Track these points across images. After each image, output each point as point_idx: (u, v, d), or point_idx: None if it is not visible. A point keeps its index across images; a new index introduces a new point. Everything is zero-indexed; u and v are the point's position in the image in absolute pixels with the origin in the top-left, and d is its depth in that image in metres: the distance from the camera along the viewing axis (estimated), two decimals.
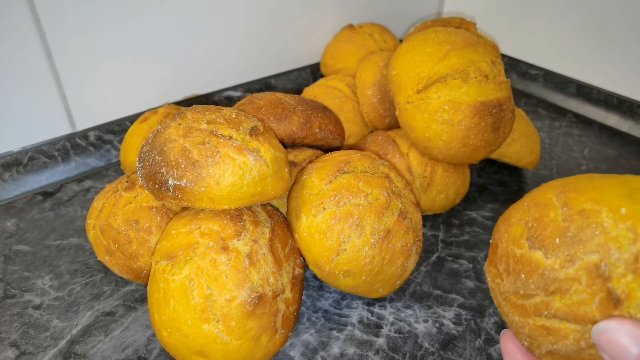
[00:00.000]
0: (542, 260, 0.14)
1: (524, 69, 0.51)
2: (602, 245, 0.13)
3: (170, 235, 0.22)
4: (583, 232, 0.13)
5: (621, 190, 0.14)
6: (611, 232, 0.13)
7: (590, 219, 0.13)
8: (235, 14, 0.41)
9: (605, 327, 0.12)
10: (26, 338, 0.25)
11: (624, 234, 0.13)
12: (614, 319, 0.12)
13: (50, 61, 0.34)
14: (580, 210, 0.14)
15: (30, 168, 0.36)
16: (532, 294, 0.14)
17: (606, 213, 0.13)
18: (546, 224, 0.14)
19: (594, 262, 0.13)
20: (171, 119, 0.23)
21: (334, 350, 0.24)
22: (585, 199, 0.14)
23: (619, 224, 0.13)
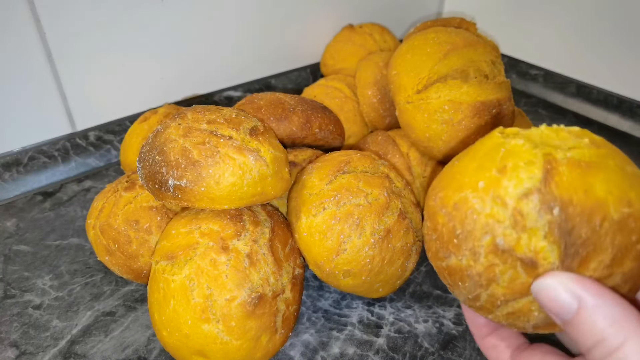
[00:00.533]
0: (459, 264, 0.14)
1: (523, 69, 0.51)
2: (485, 226, 0.13)
3: (170, 235, 0.22)
4: (466, 223, 0.14)
5: (472, 163, 0.14)
6: (484, 209, 0.13)
7: (463, 208, 0.14)
8: (235, 14, 0.41)
9: (544, 285, 0.12)
10: (26, 338, 0.25)
11: (493, 205, 0.13)
12: (549, 274, 0.13)
13: (51, 61, 0.34)
14: (454, 205, 0.14)
15: (30, 168, 0.36)
16: (477, 294, 0.14)
17: (471, 195, 0.14)
18: (441, 231, 0.15)
19: (491, 243, 0.13)
20: (171, 119, 0.23)
21: (334, 350, 0.24)
22: (452, 190, 0.14)
23: (485, 199, 0.13)
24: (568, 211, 0.12)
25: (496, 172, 0.13)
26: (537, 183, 0.13)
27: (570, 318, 0.12)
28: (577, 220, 0.12)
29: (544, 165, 0.13)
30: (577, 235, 0.13)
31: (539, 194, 0.13)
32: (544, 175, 0.13)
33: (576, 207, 0.12)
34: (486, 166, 0.14)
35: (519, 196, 0.13)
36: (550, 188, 0.13)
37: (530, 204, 0.13)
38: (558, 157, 0.13)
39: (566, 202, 0.12)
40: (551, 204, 0.13)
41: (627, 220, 0.13)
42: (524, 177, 0.13)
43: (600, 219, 0.12)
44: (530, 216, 0.13)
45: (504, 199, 0.13)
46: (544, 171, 0.13)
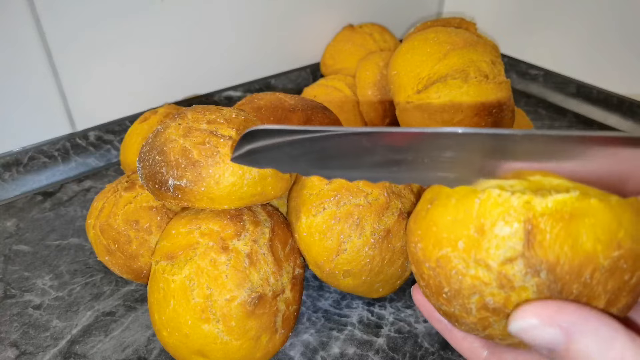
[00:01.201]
0: (452, 312, 0.14)
1: (524, 69, 0.51)
2: (472, 287, 0.13)
3: (170, 235, 0.22)
4: (452, 282, 0.13)
5: (447, 215, 0.14)
6: (468, 270, 0.13)
7: (447, 266, 0.13)
8: (235, 14, 0.41)
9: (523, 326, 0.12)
10: (26, 338, 0.25)
11: (477, 267, 0.13)
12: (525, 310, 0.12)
13: (51, 61, 0.34)
14: (436, 261, 0.14)
15: (30, 168, 0.36)
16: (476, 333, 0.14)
17: (453, 255, 0.13)
18: (428, 283, 0.14)
19: (481, 303, 0.13)
20: (171, 119, 0.23)
21: (334, 350, 0.24)
22: (432, 245, 0.14)
23: (467, 260, 0.13)
24: (556, 272, 0.12)
25: (474, 232, 0.13)
26: (519, 246, 0.12)
27: (560, 350, 0.11)
28: (566, 279, 0.12)
29: (524, 226, 0.12)
30: (568, 293, 0.12)
31: (522, 258, 0.12)
32: (525, 237, 0.12)
33: (564, 266, 0.12)
34: (462, 222, 0.13)
35: (502, 261, 0.12)
36: (534, 251, 0.12)
37: (515, 267, 0.12)
38: (537, 211, 0.12)
39: (553, 263, 0.12)
40: (537, 268, 0.12)
41: (618, 263, 0.12)
42: (503, 237, 0.12)
43: (590, 272, 0.12)
44: (517, 278, 0.12)
45: (486, 261, 0.13)
46: (525, 232, 0.12)
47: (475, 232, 0.13)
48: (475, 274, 0.13)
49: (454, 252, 0.13)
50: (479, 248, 0.13)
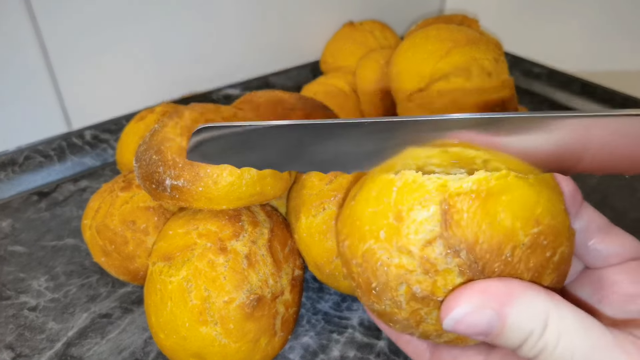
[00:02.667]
0: (384, 310, 0.14)
1: (527, 67, 0.51)
2: (398, 276, 0.13)
3: (167, 236, 0.22)
4: (379, 275, 0.13)
5: (367, 207, 0.13)
6: (392, 260, 0.13)
7: (372, 259, 0.13)
8: (234, 12, 0.41)
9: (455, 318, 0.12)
10: (21, 340, 0.24)
11: (400, 255, 0.13)
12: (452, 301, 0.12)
13: (47, 59, 0.34)
14: (362, 256, 0.13)
15: (25, 168, 0.36)
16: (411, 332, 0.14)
17: (377, 247, 0.13)
18: (358, 282, 0.14)
19: (409, 293, 0.13)
20: (168, 118, 0.23)
21: (334, 353, 0.24)
22: (357, 240, 0.14)
23: (390, 250, 0.13)
24: (475, 251, 0.12)
25: (393, 219, 0.13)
26: (438, 228, 0.12)
27: (495, 333, 0.11)
28: (487, 258, 0.12)
29: (441, 207, 0.12)
30: (490, 272, 0.12)
31: (441, 239, 0.12)
32: (442, 218, 0.12)
33: (483, 245, 0.12)
34: (382, 212, 0.13)
35: (423, 244, 0.12)
36: (452, 231, 0.12)
37: (435, 249, 0.12)
38: (452, 191, 0.12)
39: (471, 242, 0.12)
40: (456, 248, 0.12)
41: (538, 240, 0.12)
42: (421, 221, 0.12)
43: (510, 250, 0.12)
44: (439, 261, 0.12)
45: (407, 247, 0.12)
46: (442, 213, 0.12)
47: (395, 219, 0.13)
48: (399, 262, 0.13)
49: (376, 243, 0.13)
50: (399, 235, 0.13)
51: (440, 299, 0.12)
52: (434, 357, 0.16)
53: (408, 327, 0.14)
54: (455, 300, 0.12)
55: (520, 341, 0.11)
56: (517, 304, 0.11)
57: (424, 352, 0.16)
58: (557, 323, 0.11)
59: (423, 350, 0.16)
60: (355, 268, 0.14)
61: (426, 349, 0.16)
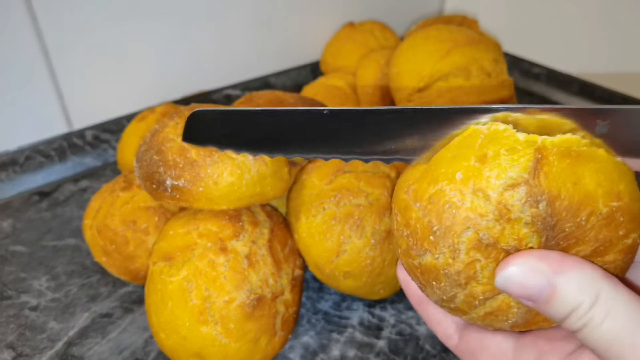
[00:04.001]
0: (435, 262, 0.13)
1: (526, 67, 0.51)
2: (466, 220, 0.12)
3: (168, 236, 0.22)
4: (444, 218, 0.13)
5: (448, 153, 0.13)
6: (464, 202, 0.12)
7: (440, 202, 0.13)
8: (234, 12, 0.41)
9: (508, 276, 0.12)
10: (22, 340, 0.24)
11: (474, 198, 0.12)
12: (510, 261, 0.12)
13: (47, 59, 0.34)
14: (429, 198, 0.13)
15: (26, 168, 0.36)
16: (453, 294, 0.13)
17: (449, 188, 0.13)
18: (415, 228, 0.13)
19: (473, 239, 0.12)
20: (169, 118, 0.23)
21: (334, 352, 0.24)
22: (427, 183, 0.13)
23: (464, 192, 0.12)
24: (554, 206, 0.12)
25: (475, 161, 0.12)
26: (524, 173, 0.12)
27: (545, 299, 0.12)
28: (562, 215, 0.12)
29: (534, 154, 0.12)
30: (559, 229, 0.12)
31: (526, 185, 0.12)
32: (533, 165, 0.12)
33: (563, 201, 0.12)
34: (464, 155, 0.13)
35: (504, 187, 0.12)
36: (539, 180, 0.12)
37: (515, 195, 0.12)
38: (547, 145, 0.12)
39: (554, 196, 0.12)
40: (538, 198, 0.12)
41: (615, 215, 0.12)
42: (506, 166, 0.12)
43: (587, 214, 0.12)
44: (515, 208, 0.12)
45: (485, 191, 0.12)
46: (534, 160, 0.12)
47: (477, 161, 0.12)
48: (472, 206, 0.12)
49: (450, 184, 0.12)
50: (479, 177, 0.12)
51: (505, 247, 0.12)
52: (461, 342, 0.16)
53: (455, 285, 0.13)
54: (513, 259, 0.12)
55: (566, 313, 0.12)
56: (571, 274, 0.11)
57: (453, 335, 0.16)
58: (608, 301, 0.11)
59: (452, 333, 0.16)
60: (415, 212, 0.13)
61: (455, 332, 0.16)
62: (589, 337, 0.11)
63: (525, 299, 0.12)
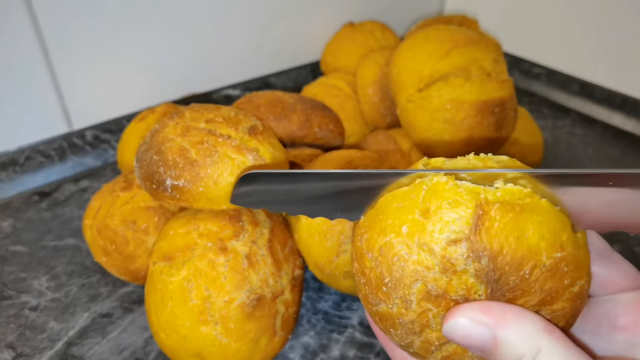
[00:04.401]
0: (389, 311, 0.13)
1: (526, 68, 0.51)
2: (415, 273, 0.12)
3: (168, 236, 0.22)
4: (394, 271, 0.13)
5: (393, 203, 0.13)
6: (411, 256, 0.12)
7: (389, 254, 0.13)
8: (233, 12, 0.41)
9: (453, 327, 0.12)
10: (22, 340, 0.24)
11: (420, 251, 0.12)
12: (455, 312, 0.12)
13: (47, 59, 0.34)
14: (379, 249, 0.13)
15: (26, 168, 0.36)
16: (410, 341, 0.14)
17: (396, 241, 0.13)
18: (369, 277, 0.14)
19: (422, 290, 0.13)
20: (169, 118, 0.23)
21: (334, 352, 0.24)
22: (376, 233, 0.13)
23: (410, 245, 0.13)
24: (497, 261, 0.12)
25: (419, 216, 0.13)
26: (466, 229, 0.12)
27: (489, 349, 0.12)
28: (505, 270, 0.12)
29: (476, 210, 0.12)
30: (504, 282, 0.12)
31: (467, 242, 0.12)
32: (474, 222, 0.12)
33: (505, 257, 0.12)
34: (408, 207, 0.13)
35: (447, 242, 0.12)
36: (480, 236, 0.12)
37: (458, 250, 0.12)
38: (489, 198, 0.12)
39: (496, 252, 0.12)
40: (480, 254, 0.12)
41: (559, 265, 0.12)
42: (448, 220, 0.12)
43: (530, 268, 0.12)
44: (459, 262, 0.12)
45: (430, 245, 0.12)
46: (475, 217, 0.12)
47: (421, 215, 0.13)
48: (418, 259, 0.12)
49: (397, 237, 0.13)
50: (424, 231, 0.12)
51: (454, 297, 0.13)
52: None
53: (410, 332, 0.13)
54: (458, 311, 0.12)
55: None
56: (512, 327, 0.12)
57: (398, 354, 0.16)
58: (548, 356, 0.11)
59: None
60: (368, 262, 0.14)
61: None
62: None
63: (471, 348, 0.12)
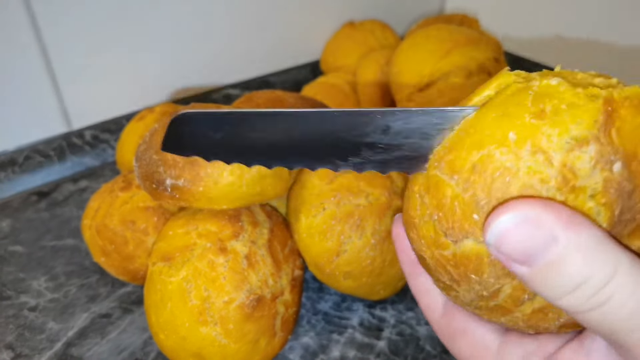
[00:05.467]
0: (478, 248, 0.10)
1: (527, 67, 0.51)
2: (524, 188, 0.10)
3: (167, 236, 0.22)
4: (494, 189, 0.10)
5: (488, 113, 0.11)
6: (520, 167, 0.10)
7: (488, 169, 0.10)
8: (233, 11, 0.41)
9: (499, 226, 0.09)
10: (21, 340, 0.24)
11: (532, 160, 0.10)
12: (502, 210, 0.09)
13: (46, 58, 0.34)
14: (471, 168, 0.10)
15: (25, 167, 0.36)
16: (498, 287, 0.11)
17: (499, 152, 0.10)
18: (450, 207, 0.11)
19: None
20: (168, 118, 0.23)
21: (334, 353, 0.24)
22: (466, 151, 0.11)
23: (520, 154, 0.10)
24: (631, 167, 0.10)
25: (531, 119, 0.10)
26: (594, 129, 0.09)
27: (547, 261, 0.09)
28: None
29: (604, 107, 0.10)
30: (638, 199, 0.10)
31: (596, 143, 0.09)
32: (603, 119, 0.09)
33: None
34: (513, 113, 0.10)
35: (569, 147, 0.10)
36: (611, 137, 0.09)
37: (583, 156, 0.09)
38: (615, 97, 0.10)
39: (630, 154, 0.10)
40: (611, 158, 0.09)
41: None
42: (570, 122, 0.10)
43: None
44: (582, 172, 0.10)
45: (547, 151, 0.10)
46: (604, 114, 0.10)
47: (533, 118, 0.10)
48: (530, 169, 0.10)
49: (500, 147, 0.10)
50: (538, 134, 0.10)
51: None
52: (444, 317, 0.14)
53: (502, 275, 0.11)
54: (509, 206, 0.09)
55: (573, 284, 0.09)
56: (584, 234, 0.09)
57: (438, 307, 0.14)
58: (628, 276, 0.09)
59: (438, 306, 0.14)
60: (450, 189, 0.11)
61: (442, 305, 0.14)
62: (605, 319, 0.09)
63: (520, 260, 0.09)
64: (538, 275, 0.09)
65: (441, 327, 0.14)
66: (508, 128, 0.10)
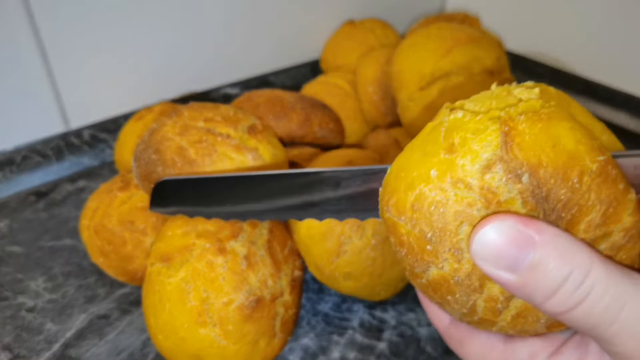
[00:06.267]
0: (441, 273, 0.12)
1: (529, 66, 0.50)
2: (457, 215, 0.11)
3: (165, 236, 0.22)
4: (434, 222, 0.11)
5: (414, 155, 0.12)
6: (449, 198, 0.11)
7: (424, 206, 0.12)
8: (233, 10, 0.41)
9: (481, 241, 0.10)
10: (19, 341, 0.24)
11: (456, 191, 0.11)
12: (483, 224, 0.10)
13: (44, 58, 0.34)
14: (411, 207, 0.12)
15: (23, 167, 0.36)
16: (472, 303, 0.12)
17: (428, 188, 0.11)
18: (409, 243, 0.12)
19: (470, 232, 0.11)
20: (167, 117, 0.23)
21: (334, 354, 0.24)
22: (402, 192, 0.12)
23: (444, 187, 0.11)
24: (539, 175, 0.11)
25: (445, 154, 0.11)
26: (497, 150, 0.11)
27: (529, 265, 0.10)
28: (551, 182, 0.11)
29: (501, 127, 0.11)
30: (555, 199, 0.11)
31: (501, 162, 0.11)
32: (502, 139, 0.11)
33: (547, 168, 0.11)
34: (431, 152, 0.12)
35: (481, 171, 0.11)
36: (513, 153, 0.11)
37: (495, 176, 0.11)
38: (512, 115, 0.11)
39: (534, 165, 0.11)
40: (518, 172, 0.11)
41: (606, 169, 0.11)
42: (477, 149, 0.11)
43: (577, 175, 0.11)
44: (500, 189, 0.11)
45: (464, 179, 0.11)
46: (502, 135, 0.11)
47: (446, 153, 0.11)
48: (457, 198, 0.11)
49: (428, 185, 0.11)
50: (454, 168, 0.11)
51: None
52: (452, 325, 0.14)
53: (470, 291, 0.12)
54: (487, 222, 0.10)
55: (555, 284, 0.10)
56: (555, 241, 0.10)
57: (445, 317, 0.15)
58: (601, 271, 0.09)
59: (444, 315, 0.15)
60: (403, 227, 0.12)
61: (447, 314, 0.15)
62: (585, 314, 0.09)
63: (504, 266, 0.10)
64: (524, 280, 0.10)
65: (449, 334, 0.15)
66: (429, 167, 0.12)
